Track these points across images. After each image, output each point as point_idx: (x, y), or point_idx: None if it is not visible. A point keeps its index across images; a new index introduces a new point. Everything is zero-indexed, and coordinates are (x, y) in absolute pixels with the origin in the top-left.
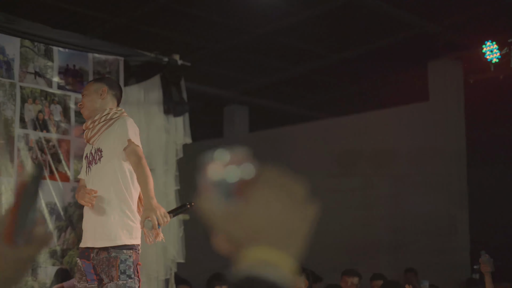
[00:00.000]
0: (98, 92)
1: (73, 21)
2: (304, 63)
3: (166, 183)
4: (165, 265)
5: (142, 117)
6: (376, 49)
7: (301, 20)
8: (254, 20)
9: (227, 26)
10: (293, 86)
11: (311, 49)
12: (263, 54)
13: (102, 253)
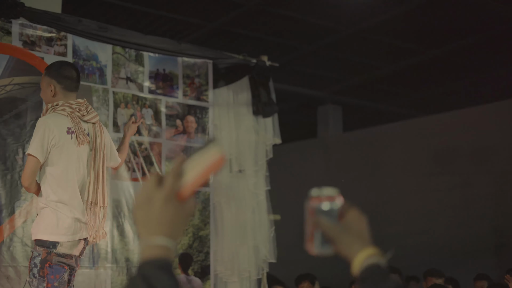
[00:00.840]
0: (50, 88)
1: (163, 27)
2: (398, 60)
3: (256, 183)
4: (256, 265)
5: (231, 118)
6: (472, 44)
7: (394, 16)
8: (346, 18)
9: (319, 25)
10: (387, 84)
11: (404, 46)
12: (356, 53)
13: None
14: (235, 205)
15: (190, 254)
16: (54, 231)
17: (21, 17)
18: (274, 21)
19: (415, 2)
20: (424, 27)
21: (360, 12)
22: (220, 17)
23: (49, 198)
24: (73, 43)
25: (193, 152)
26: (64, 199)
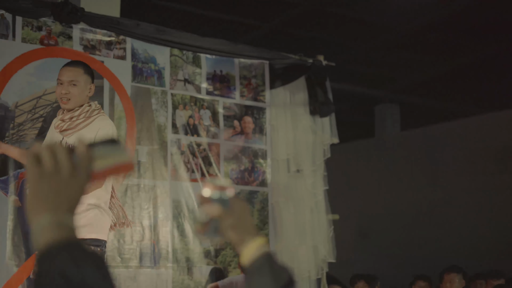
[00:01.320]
0: (88, 87)
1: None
2: (456, 57)
3: (314, 183)
4: (316, 265)
5: (288, 118)
6: None
7: (451, 13)
8: (402, 16)
9: (375, 24)
10: (445, 82)
11: (462, 43)
12: (413, 51)
13: None
14: (293, 205)
15: None
16: (106, 231)
17: (82, 22)
18: (330, 21)
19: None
20: (482, 23)
21: (416, 9)
22: (276, 18)
23: (102, 199)
24: (131, 46)
25: (101, 145)
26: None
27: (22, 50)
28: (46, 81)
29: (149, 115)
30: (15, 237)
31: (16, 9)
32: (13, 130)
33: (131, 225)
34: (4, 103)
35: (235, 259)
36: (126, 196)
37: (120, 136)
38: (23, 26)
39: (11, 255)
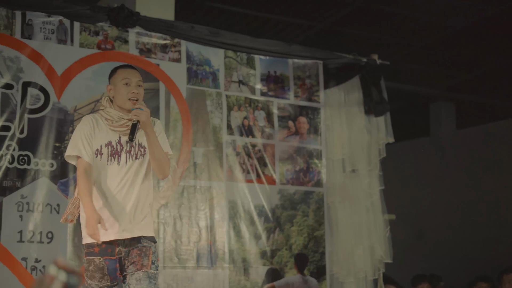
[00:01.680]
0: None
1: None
2: None
3: (370, 183)
4: (372, 265)
5: (343, 118)
6: None
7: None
8: (455, 13)
9: (428, 21)
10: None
11: None
12: (467, 47)
13: (132, 245)
14: (349, 205)
15: (306, 254)
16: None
17: (137, 26)
18: (383, 19)
19: None
20: None
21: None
22: (328, 17)
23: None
24: (186, 49)
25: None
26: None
27: (80, 55)
28: (104, 85)
29: (204, 117)
30: (75, 238)
31: (74, 15)
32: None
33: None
34: (64, 107)
35: (291, 260)
36: (182, 197)
37: (176, 138)
38: (80, 31)
39: (72, 256)
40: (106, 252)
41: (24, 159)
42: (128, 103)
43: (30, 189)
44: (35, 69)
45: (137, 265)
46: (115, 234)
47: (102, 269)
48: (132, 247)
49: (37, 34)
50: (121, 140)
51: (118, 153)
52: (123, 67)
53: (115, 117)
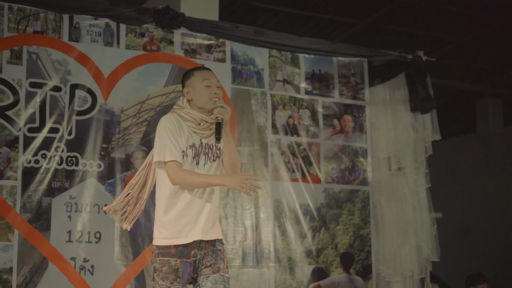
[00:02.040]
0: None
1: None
2: None
3: (416, 181)
4: (419, 264)
5: (388, 116)
6: None
7: None
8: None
9: (474, 17)
10: None
11: None
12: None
13: (208, 247)
14: (395, 203)
15: (352, 253)
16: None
17: (182, 27)
18: (428, 15)
19: None
20: None
21: None
22: (371, 14)
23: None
24: (231, 49)
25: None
26: None
27: (126, 56)
28: (150, 86)
29: (249, 116)
30: (122, 238)
31: (120, 17)
32: (119, 134)
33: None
34: (111, 109)
35: (337, 259)
36: (228, 197)
37: None
38: (126, 33)
39: (119, 255)
40: (182, 254)
41: (72, 160)
42: (210, 103)
43: (78, 189)
44: (82, 71)
45: (213, 268)
46: (195, 235)
47: (177, 271)
48: (207, 250)
49: (84, 37)
50: (202, 142)
51: (198, 155)
52: (199, 69)
53: (197, 118)
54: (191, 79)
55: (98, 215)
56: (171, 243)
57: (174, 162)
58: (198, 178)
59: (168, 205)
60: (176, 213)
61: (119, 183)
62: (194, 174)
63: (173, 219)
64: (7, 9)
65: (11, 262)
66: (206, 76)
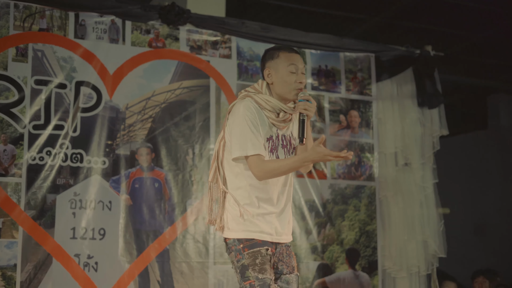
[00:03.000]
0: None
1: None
2: None
3: (423, 176)
4: (426, 260)
5: (396, 111)
6: None
7: None
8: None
9: (484, 12)
10: None
11: None
12: None
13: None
14: (402, 199)
15: (357, 249)
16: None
17: (188, 23)
18: (439, 10)
19: None
20: None
21: None
22: (382, 11)
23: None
24: (237, 45)
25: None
26: None
27: (131, 53)
28: (155, 82)
29: None
30: (126, 234)
31: (125, 14)
32: (124, 131)
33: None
34: (115, 105)
35: (342, 255)
36: None
37: None
38: (132, 30)
39: (123, 252)
40: (269, 243)
41: (77, 157)
42: (293, 93)
43: (83, 186)
44: (87, 68)
45: (289, 266)
46: (281, 238)
47: (270, 260)
48: (282, 245)
49: (89, 34)
50: (279, 134)
51: (276, 148)
52: (286, 49)
53: (276, 108)
54: (275, 60)
55: (103, 211)
56: (254, 237)
57: (258, 156)
58: (284, 165)
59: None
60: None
61: (123, 179)
62: (277, 161)
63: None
64: (13, 7)
65: (15, 259)
66: (293, 60)
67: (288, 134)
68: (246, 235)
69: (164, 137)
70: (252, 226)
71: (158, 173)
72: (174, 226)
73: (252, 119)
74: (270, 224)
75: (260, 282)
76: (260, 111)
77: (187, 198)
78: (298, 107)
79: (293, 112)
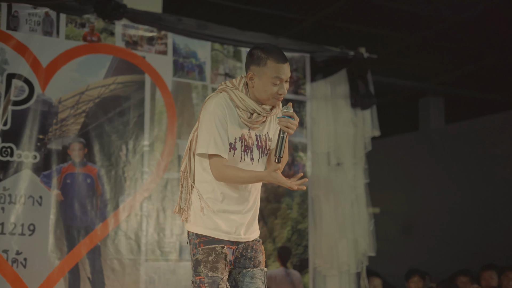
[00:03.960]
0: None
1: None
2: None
3: (355, 176)
4: (356, 258)
5: (329, 111)
6: None
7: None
8: (446, 8)
9: (419, 16)
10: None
11: (508, 34)
12: (457, 42)
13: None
14: (333, 198)
15: (289, 247)
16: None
17: (124, 18)
18: (373, 13)
19: None
20: None
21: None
22: (318, 11)
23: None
24: (173, 42)
25: None
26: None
27: (65, 47)
28: (89, 77)
29: (189, 109)
30: (57, 230)
31: (60, 7)
32: (56, 125)
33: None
34: (48, 99)
35: (274, 253)
36: (166, 190)
37: (160, 131)
38: (66, 23)
39: (53, 248)
40: (224, 241)
41: (7, 151)
42: (271, 101)
43: (13, 181)
44: (20, 60)
45: (254, 261)
46: (240, 237)
47: (225, 259)
48: (248, 240)
49: (22, 26)
50: (251, 133)
51: (251, 149)
52: (275, 58)
53: (249, 108)
54: (261, 67)
55: (33, 207)
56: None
57: (218, 158)
58: (241, 177)
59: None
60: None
61: (55, 174)
62: (237, 171)
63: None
64: None
65: None
66: (279, 73)
67: (264, 135)
68: (203, 231)
69: (97, 132)
70: (210, 223)
71: (90, 168)
72: (106, 223)
73: (220, 117)
74: (231, 222)
75: (209, 280)
76: (232, 109)
77: (120, 194)
78: (280, 123)
79: (267, 115)
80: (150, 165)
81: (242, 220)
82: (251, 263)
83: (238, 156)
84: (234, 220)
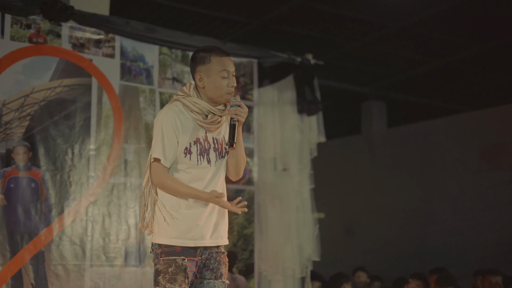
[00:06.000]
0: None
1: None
2: (444, 54)
3: (300, 181)
4: (300, 263)
5: (276, 117)
6: None
7: (442, 11)
8: (390, 14)
9: (362, 21)
10: (433, 79)
11: (451, 40)
12: (399, 48)
13: (213, 249)
14: (279, 203)
15: (235, 252)
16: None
17: (71, 20)
18: (318, 18)
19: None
20: (473, 21)
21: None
22: (264, 15)
23: None
24: (120, 45)
25: None
26: None
27: (10, 48)
28: (34, 79)
29: (136, 113)
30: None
31: (5, 7)
32: (0, 128)
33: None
34: None
35: None
36: (112, 194)
37: (107, 135)
38: (12, 24)
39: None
40: (189, 253)
41: None
42: (224, 97)
43: None
44: None
45: (216, 273)
46: (205, 242)
47: (185, 271)
48: (212, 251)
49: None
50: (208, 136)
51: (207, 151)
52: (217, 53)
53: (204, 110)
54: (206, 65)
55: None
56: (176, 244)
57: (159, 163)
58: (180, 191)
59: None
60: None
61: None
62: (177, 184)
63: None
64: None
65: None
66: (224, 65)
67: (221, 138)
68: (166, 241)
69: (42, 136)
70: (173, 232)
71: (35, 172)
72: (51, 228)
73: (168, 125)
74: (196, 228)
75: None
76: (185, 114)
77: (65, 199)
78: (229, 112)
79: (222, 114)
80: (96, 169)
81: (207, 223)
82: (213, 274)
83: (194, 160)
84: (198, 225)
